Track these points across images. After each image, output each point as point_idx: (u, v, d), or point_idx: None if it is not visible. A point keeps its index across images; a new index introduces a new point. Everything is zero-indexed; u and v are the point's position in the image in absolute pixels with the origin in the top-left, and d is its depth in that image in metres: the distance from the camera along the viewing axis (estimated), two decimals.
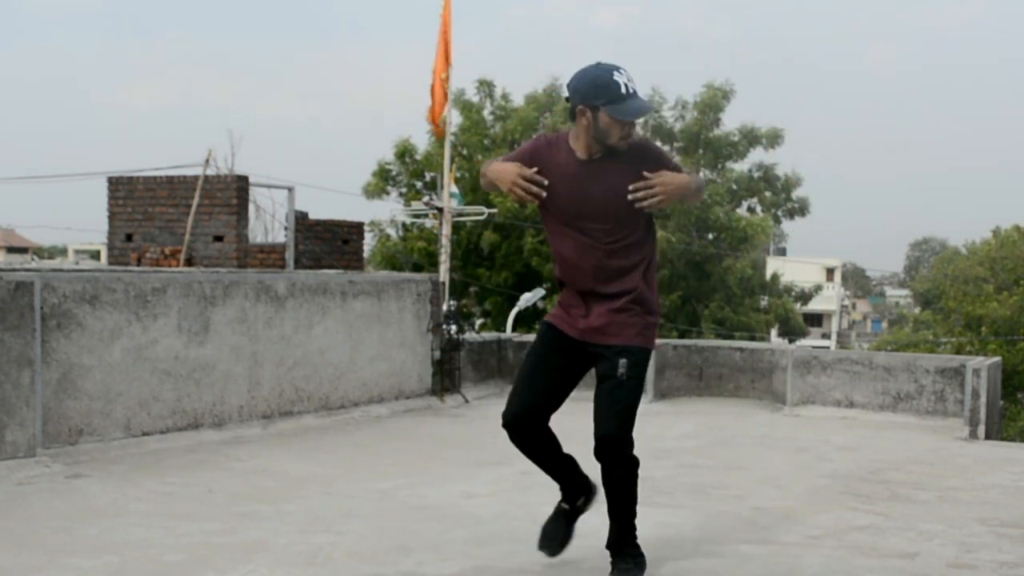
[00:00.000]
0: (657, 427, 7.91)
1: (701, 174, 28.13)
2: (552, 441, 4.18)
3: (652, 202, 3.83)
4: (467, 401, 9.08)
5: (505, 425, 4.09)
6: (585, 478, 4.26)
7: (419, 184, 28.40)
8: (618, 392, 3.93)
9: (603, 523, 4.88)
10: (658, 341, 9.71)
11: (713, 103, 27.81)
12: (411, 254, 26.76)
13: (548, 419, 4.14)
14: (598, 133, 3.86)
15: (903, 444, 7.39)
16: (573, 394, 4.18)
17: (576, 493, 4.24)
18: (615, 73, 3.83)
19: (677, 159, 3.99)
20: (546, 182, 3.91)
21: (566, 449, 4.23)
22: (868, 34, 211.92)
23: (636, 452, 7.32)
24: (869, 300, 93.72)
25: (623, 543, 4.03)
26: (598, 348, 3.97)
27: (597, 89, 3.82)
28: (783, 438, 7.54)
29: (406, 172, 28.68)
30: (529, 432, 4.10)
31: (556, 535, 4.19)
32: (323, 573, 4.04)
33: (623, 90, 3.83)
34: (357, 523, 4.81)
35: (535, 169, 3.94)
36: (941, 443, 7.48)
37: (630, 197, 3.84)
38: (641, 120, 3.87)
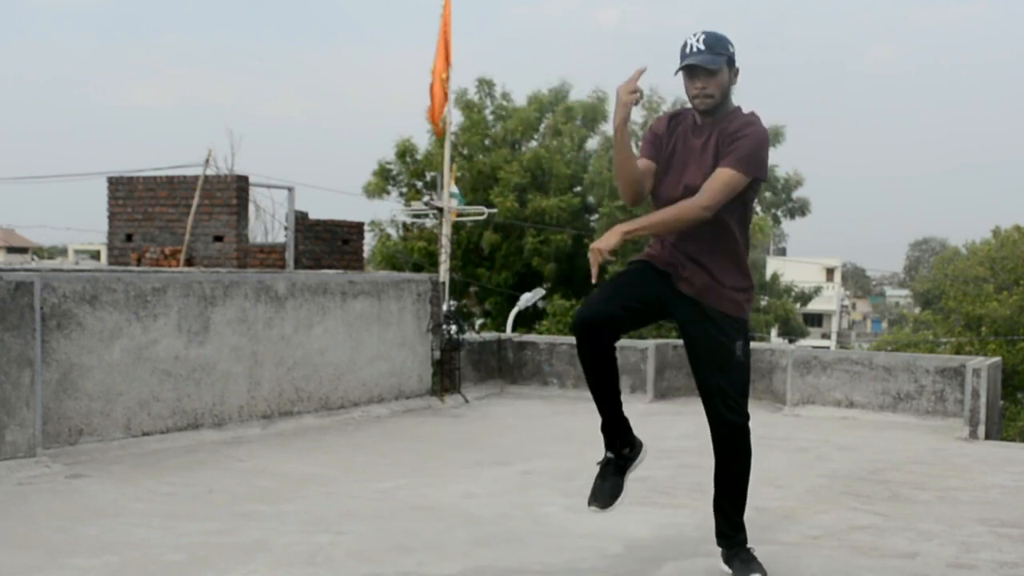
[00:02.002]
0: (657, 427, 7.91)
1: None
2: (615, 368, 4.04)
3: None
4: (467, 401, 9.07)
5: (579, 323, 3.90)
6: (630, 429, 4.16)
7: (419, 184, 28.40)
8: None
9: (602, 523, 4.89)
10: (658, 341, 9.74)
11: None
12: (411, 254, 26.76)
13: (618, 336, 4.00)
14: (687, 95, 3.96)
15: (903, 444, 7.39)
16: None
17: (624, 440, 4.11)
18: (689, 36, 3.90)
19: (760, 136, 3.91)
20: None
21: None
22: (868, 34, 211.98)
23: None
24: (869, 300, 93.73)
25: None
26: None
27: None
28: (783, 438, 7.53)
29: (406, 172, 28.69)
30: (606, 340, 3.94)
31: (605, 488, 4.04)
32: (323, 573, 4.04)
33: (685, 49, 3.89)
34: (357, 523, 4.81)
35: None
36: (941, 443, 7.48)
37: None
38: (722, 79, 3.85)
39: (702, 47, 3.85)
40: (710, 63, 3.84)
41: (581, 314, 3.91)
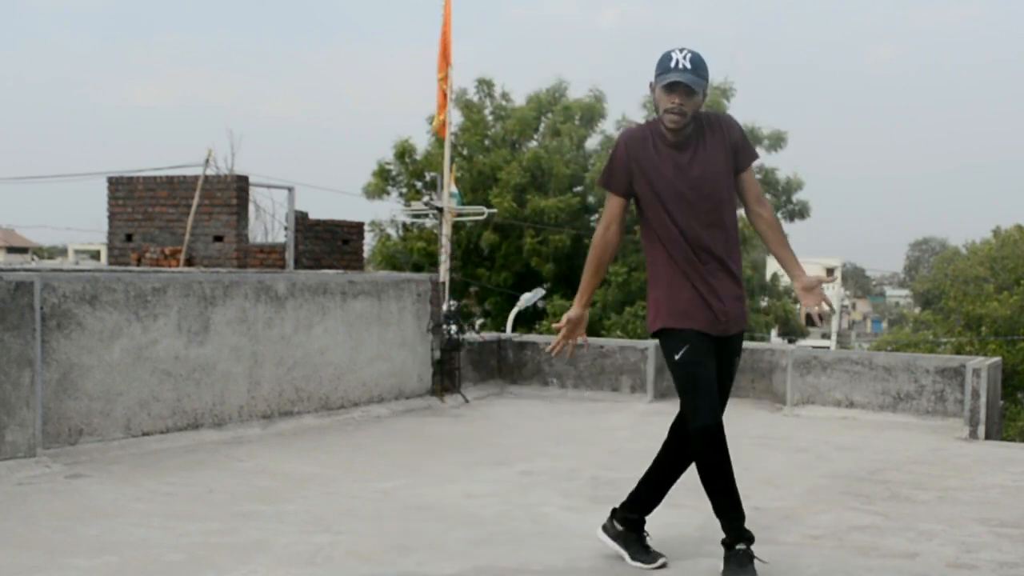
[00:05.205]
0: (657, 427, 7.89)
1: None
2: None
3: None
4: (467, 401, 9.07)
5: (710, 431, 4.00)
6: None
7: (419, 184, 28.41)
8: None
9: (602, 523, 4.89)
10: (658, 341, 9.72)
11: (714, 103, 27.78)
12: (411, 254, 26.76)
13: None
14: (655, 107, 4.00)
15: (903, 444, 7.38)
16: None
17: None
18: (675, 50, 3.95)
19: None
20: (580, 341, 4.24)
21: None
22: (868, 34, 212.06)
23: (637, 451, 7.30)
24: (869, 300, 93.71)
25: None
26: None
27: (657, 64, 3.98)
28: (783, 438, 7.53)
29: (406, 172, 28.69)
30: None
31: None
32: (323, 573, 4.04)
33: (671, 63, 3.93)
34: (357, 523, 4.81)
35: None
36: (941, 443, 7.48)
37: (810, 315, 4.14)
38: (697, 101, 3.93)
39: (688, 65, 3.91)
40: (695, 84, 3.91)
41: (706, 423, 3.98)
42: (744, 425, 8.14)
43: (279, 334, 7.48)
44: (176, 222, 14.44)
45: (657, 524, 4.91)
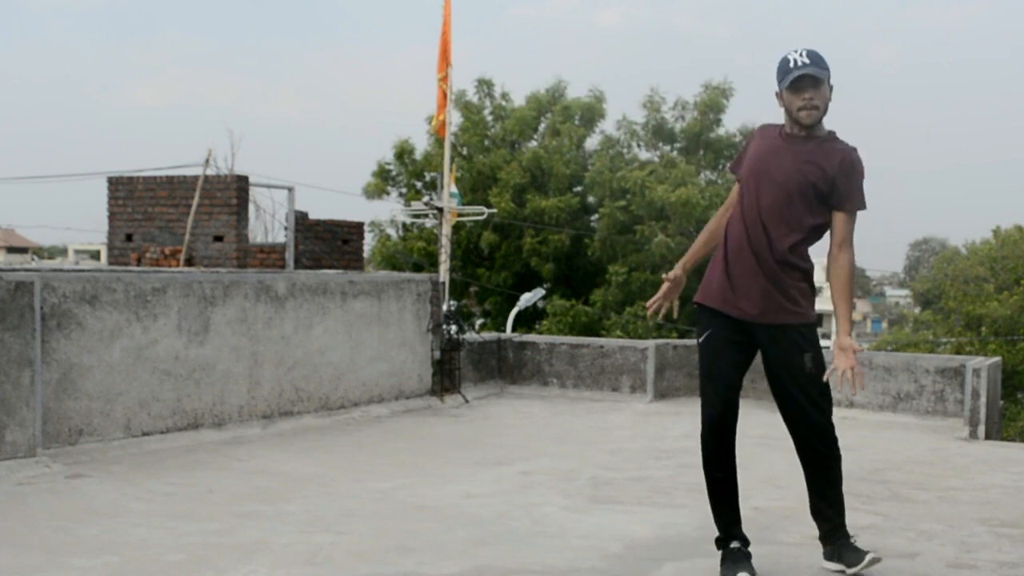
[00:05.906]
0: (657, 427, 7.91)
1: (702, 175, 28.07)
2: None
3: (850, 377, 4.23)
4: (467, 401, 9.07)
5: (715, 420, 4.23)
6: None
7: (419, 184, 28.41)
8: None
9: (602, 523, 4.89)
10: (659, 341, 9.73)
11: (714, 103, 27.79)
12: (411, 254, 26.76)
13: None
14: (787, 111, 4.03)
15: (903, 444, 7.38)
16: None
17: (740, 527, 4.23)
18: (791, 52, 3.99)
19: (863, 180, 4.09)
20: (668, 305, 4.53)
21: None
22: (869, 33, 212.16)
23: (637, 451, 7.31)
24: (869, 300, 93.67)
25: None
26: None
27: (777, 73, 4.02)
28: (783, 438, 7.50)
29: (406, 172, 28.69)
30: (732, 438, 4.26)
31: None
32: (323, 573, 4.04)
33: (790, 64, 3.96)
34: (357, 523, 4.81)
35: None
36: (941, 443, 7.48)
37: (830, 378, 4.36)
38: (825, 92, 3.97)
39: (806, 60, 3.94)
40: (819, 73, 3.93)
41: (712, 414, 4.22)
42: (744, 425, 8.11)
43: (279, 334, 7.48)
44: (176, 222, 14.44)
45: (656, 523, 4.91)
